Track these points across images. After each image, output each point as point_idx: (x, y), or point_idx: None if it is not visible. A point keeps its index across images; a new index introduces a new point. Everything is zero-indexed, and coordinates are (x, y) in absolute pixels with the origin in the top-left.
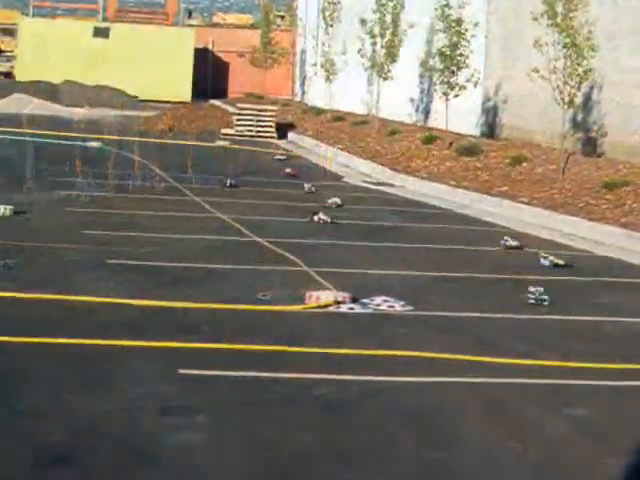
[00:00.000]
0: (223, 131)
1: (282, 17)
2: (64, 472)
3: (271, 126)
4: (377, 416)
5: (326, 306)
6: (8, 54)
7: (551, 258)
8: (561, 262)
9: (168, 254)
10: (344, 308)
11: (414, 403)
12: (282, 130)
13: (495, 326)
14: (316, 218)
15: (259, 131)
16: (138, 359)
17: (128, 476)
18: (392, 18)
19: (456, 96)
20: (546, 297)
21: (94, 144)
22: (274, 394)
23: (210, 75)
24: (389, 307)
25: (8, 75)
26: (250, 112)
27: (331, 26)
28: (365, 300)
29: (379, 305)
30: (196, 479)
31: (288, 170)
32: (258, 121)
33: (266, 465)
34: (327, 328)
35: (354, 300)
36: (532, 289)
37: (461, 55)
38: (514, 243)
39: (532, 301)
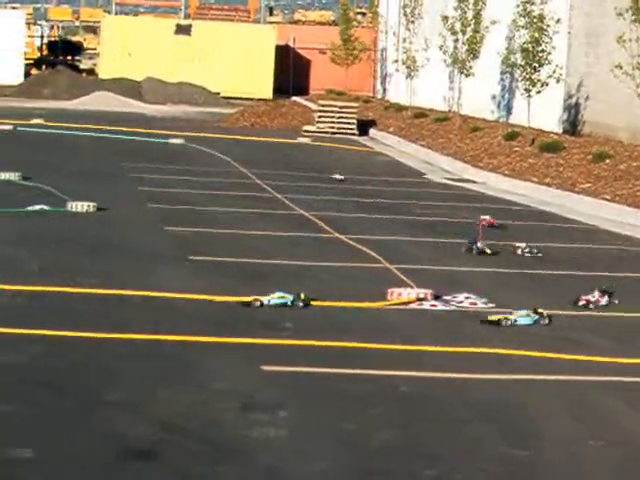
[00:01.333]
0: (305, 128)
1: (363, 14)
2: (147, 463)
3: (353, 123)
4: (459, 413)
5: (408, 303)
6: (91, 51)
7: None
8: None
9: None
10: (426, 305)
11: (496, 400)
12: (363, 127)
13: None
14: None
15: (341, 128)
16: (221, 355)
17: (212, 469)
18: (473, 14)
19: (538, 92)
20: None
21: (176, 141)
22: (356, 391)
23: (291, 72)
24: (471, 304)
25: (91, 72)
26: (332, 109)
27: (412, 22)
28: (447, 297)
29: (461, 302)
30: (278, 473)
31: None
32: (340, 118)
33: (349, 460)
34: (410, 325)
35: (436, 297)
36: None
37: (543, 51)
38: None
39: None
